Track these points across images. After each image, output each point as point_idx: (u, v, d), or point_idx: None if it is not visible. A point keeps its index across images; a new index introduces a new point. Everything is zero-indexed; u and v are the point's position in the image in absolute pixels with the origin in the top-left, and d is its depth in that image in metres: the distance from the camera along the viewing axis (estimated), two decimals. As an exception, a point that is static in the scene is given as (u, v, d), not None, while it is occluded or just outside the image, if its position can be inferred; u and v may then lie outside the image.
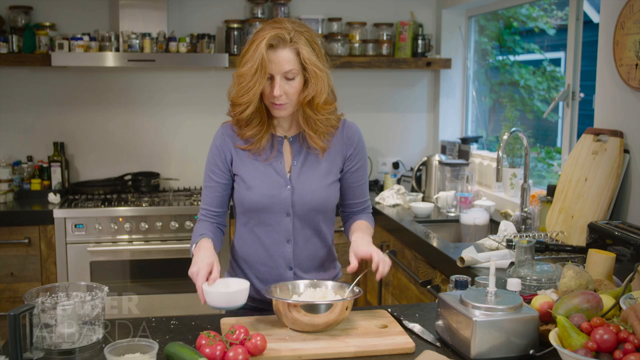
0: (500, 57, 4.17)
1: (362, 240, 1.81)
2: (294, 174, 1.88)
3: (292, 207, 1.87)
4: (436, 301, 1.68)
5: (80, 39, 3.57)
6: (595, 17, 3.26)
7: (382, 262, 1.72)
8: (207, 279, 1.67)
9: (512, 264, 2.21)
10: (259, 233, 1.91)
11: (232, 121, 1.90)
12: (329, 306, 1.62)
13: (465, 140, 3.87)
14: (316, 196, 1.88)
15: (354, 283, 1.75)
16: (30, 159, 3.82)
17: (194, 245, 1.84)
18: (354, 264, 1.73)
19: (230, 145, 1.90)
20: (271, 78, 1.77)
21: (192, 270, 1.70)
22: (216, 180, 1.92)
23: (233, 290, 1.67)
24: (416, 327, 1.70)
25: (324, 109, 1.83)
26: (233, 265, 2.02)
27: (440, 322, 1.64)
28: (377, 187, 4.10)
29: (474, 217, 3.12)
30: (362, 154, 1.96)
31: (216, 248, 1.84)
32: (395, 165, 4.20)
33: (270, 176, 1.87)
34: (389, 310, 1.83)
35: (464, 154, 3.80)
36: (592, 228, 2.18)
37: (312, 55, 1.77)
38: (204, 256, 1.73)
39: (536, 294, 1.70)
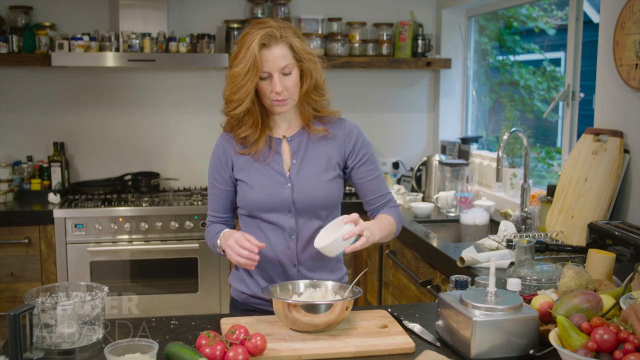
0: (500, 57, 4.16)
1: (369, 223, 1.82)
2: (293, 172, 1.90)
3: (293, 204, 1.88)
4: (436, 301, 1.68)
5: (80, 39, 3.57)
6: (595, 17, 3.26)
7: (362, 235, 1.74)
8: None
9: (512, 264, 2.21)
10: (263, 231, 1.92)
11: (226, 122, 1.93)
12: (329, 306, 1.62)
13: (465, 140, 3.87)
14: (317, 192, 1.89)
15: (354, 283, 1.75)
16: (30, 159, 3.82)
17: (218, 241, 1.88)
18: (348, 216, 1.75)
19: (230, 152, 1.93)
20: (269, 77, 1.81)
21: (229, 254, 1.79)
22: (220, 187, 1.96)
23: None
24: (416, 327, 1.70)
25: (324, 88, 1.92)
26: (238, 266, 2.01)
27: (440, 322, 1.64)
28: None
29: (474, 217, 3.12)
30: (364, 148, 1.96)
31: None
32: (395, 165, 4.20)
33: (270, 176, 1.89)
34: (389, 310, 1.83)
35: (464, 154, 3.80)
36: (592, 228, 2.18)
37: (302, 45, 1.85)
38: (232, 233, 1.82)
39: (536, 294, 1.70)
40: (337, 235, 1.71)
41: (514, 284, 1.74)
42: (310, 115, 1.92)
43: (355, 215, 1.74)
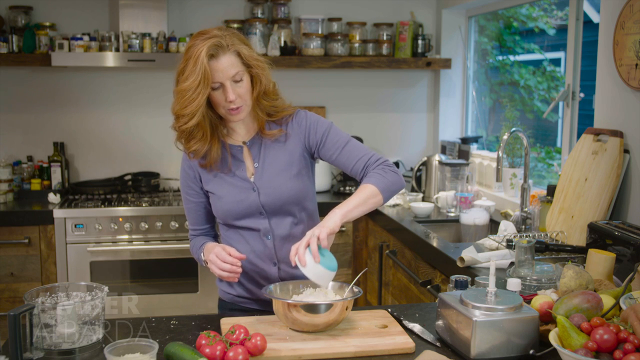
0: (500, 57, 4.17)
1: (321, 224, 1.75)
2: (257, 176, 1.91)
3: (262, 207, 1.90)
4: (436, 301, 1.68)
5: (80, 39, 3.57)
6: (595, 17, 3.26)
7: (299, 250, 1.69)
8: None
9: (512, 264, 2.21)
10: (241, 235, 1.94)
11: (176, 136, 1.93)
12: (329, 306, 1.63)
13: (465, 140, 3.87)
14: (282, 190, 1.90)
15: (354, 283, 1.75)
16: (30, 159, 3.82)
17: (202, 255, 1.92)
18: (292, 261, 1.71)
19: (195, 166, 1.96)
20: (221, 86, 1.80)
21: (212, 269, 1.83)
22: (193, 200, 1.99)
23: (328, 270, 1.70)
24: (416, 327, 1.70)
25: (276, 93, 1.92)
26: None
27: (440, 322, 1.64)
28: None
29: (474, 217, 3.12)
30: (321, 126, 1.93)
31: None
32: (395, 165, 4.19)
33: (235, 184, 1.91)
34: (389, 310, 1.83)
35: (464, 154, 3.80)
36: (592, 228, 2.18)
37: (250, 51, 1.83)
38: (214, 247, 1.86)
39: (536, 294, 1.70)
40: (308, 266, 1.68)
41: (514, 284, 1.74)
42: (263, 120, 1.92)
43: (292, 251, 1.71)
